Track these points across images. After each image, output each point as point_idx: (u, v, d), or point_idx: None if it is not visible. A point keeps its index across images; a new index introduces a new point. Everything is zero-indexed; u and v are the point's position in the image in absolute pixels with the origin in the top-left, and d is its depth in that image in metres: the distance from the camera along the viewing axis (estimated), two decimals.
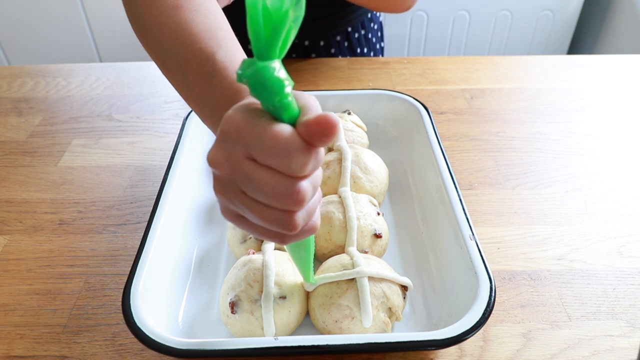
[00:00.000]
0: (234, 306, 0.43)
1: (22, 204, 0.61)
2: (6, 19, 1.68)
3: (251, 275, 0.44)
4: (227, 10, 0.59)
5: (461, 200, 0.51)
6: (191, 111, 0.64)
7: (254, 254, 0.47)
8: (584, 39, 1.75)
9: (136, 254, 0.45)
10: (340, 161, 0.56)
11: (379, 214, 0.52)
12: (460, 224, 0.48)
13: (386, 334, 0.40)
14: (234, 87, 0.40)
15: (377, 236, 0.50)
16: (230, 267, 0.51)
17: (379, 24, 0.98)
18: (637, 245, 0.54)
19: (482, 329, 0.42)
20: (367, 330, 0.43)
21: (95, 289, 0.50)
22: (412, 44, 1.73)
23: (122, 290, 0.47)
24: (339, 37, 0.90)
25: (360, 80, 0.84)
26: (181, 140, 0.59)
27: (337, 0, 0.84)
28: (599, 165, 0.66)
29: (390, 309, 0.44)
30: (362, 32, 0.93)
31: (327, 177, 0.56)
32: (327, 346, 0.38)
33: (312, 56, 0.91)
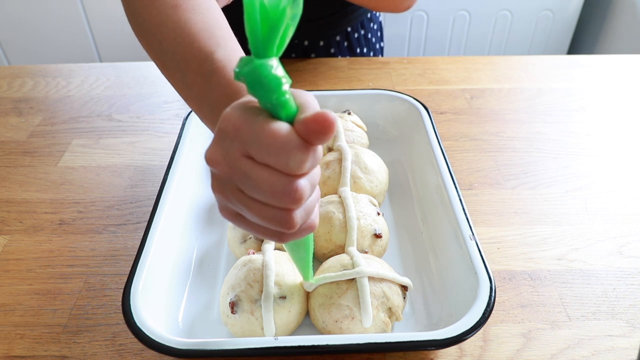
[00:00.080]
0: (234, 306, 0.43)
1: (22, 204, 0.61)
2: (6, 19, 1.68)
3: (251, 275, 0.44)
4: (226, 9, 0.59)
5: (461, 200, 0.51)
6: (191, 111, 0.64)
7: (254, 254, 0.47)
8: (584, 39, 1.75)
9: (136, 254, 0.45)
10: (340, 161, 0.56)
11: (379, 214, 0.52)
12: (460, 224, 0.48)
13: (386, 334, 0.40)
14: (232, 86, 0.40)
15: (377, 236, 0.50)
16: (230, 267, 0.51)
17: (379, 24, 0.98)
18: (637, 245, 0.54)
19: (482, 329, 0.42)
20: (367, 330, 0.43)
21: (95, 289, 0.50)
22: (412, 44, 1.73)
23: (122, 290, 0.47)
24: (338, 37, 0.90)
25: (360, 80, 0.84)
26: (181, 140, 0.59)
27: (337, 0, 0.84)
28: (599, 165, 0.66)
29: (390, 309, 0.44)
30: (362, 32, 0.93)
31: (327, 177, 0.55)
32: (327, 346, 0.38)
33: (312, 56, 0.91)
